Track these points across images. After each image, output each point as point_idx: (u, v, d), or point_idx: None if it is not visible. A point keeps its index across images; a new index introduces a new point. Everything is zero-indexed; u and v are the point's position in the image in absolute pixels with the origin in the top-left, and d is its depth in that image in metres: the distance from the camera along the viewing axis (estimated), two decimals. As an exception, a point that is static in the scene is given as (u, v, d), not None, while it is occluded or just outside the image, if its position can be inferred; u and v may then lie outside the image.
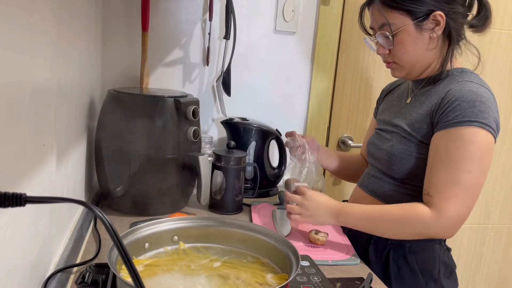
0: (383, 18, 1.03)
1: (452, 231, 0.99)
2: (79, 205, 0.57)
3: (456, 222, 0.97)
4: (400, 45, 1.04)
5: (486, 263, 1.97)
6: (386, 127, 1.15)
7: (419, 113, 1.05)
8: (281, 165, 1.51)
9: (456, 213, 0.96)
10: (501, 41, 1.74)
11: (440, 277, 1.07)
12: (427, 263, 1.08)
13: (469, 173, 0.95)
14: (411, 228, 1.00)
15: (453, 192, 0.95)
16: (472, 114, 0.94)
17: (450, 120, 0.96)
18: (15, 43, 0.58)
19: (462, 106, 0.95)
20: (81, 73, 1.08)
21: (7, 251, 0.58)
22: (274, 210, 1.28)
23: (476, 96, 0.96)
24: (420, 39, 1.02)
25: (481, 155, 0.95)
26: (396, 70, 1.10)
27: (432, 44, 1.03)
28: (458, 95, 0.97)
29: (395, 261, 1.09)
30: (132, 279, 0.45)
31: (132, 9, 1.43)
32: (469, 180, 0.95)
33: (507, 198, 1.92)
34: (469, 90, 0.97)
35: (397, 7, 1.01)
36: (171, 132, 1.16)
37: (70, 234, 0.98)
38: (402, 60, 1.06)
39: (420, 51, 1.04)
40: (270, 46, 1.57)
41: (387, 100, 1.25)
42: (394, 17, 1.02)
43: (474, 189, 0.96)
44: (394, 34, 1.03)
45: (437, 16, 1.00)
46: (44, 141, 0.74)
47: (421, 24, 1.01)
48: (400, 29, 1.02)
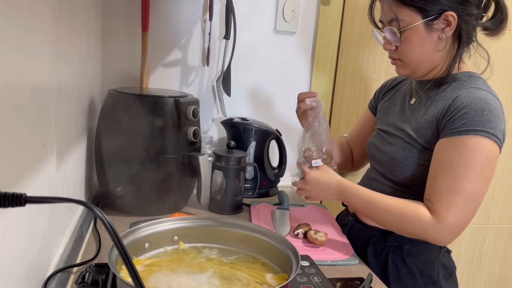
0: (392, 13, 1.00)
1: (448, 239, 0.98)
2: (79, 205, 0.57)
3: (454, 231, 0.96)
4: (407, 42, 1.00)
5: (486, 263, 1.97)
6: (389, 130, 1.13)
7: (424, 118, 1.03)
8: (281, 165, 1.51)
9: (454, 222, 0.95)
10: (502, 42, 1.74)
11: (439, 279, 1.07)
12: (426, 266, 1.07)
13: (471, 183, 0.93)
14: (408, 225, 1.00)
15: (454, 201, 0.94)
16: (479, 123, 0.93)
17: (457, 128, 0.95)
18: (15, 43, 0.58)
19: (469, 114, 0.94)
20: (81, 73, 1.08)
21: (7, 251, 0.58)
22: (274, 210, 1.28)
23: (484, 104, 0.94)
24: (428, 38, 0.99)
25: (484, 165, 0.94)
26: (401, 68, 1.07)
27: (440, 45, 1.00)
28: (466, 103, 0.95)
29: (394, 263, 1.09)
30: (132, 279, 0.45)
31: (132, 9, 1.43)
32: (470, 190, 0.94)
33: (507, 198, 1.92)
34: (477, 97, 0.95)
35: (408, 3, 0.97)
36: (171, 132, 1.16)
37: (70, 234, 0.98)
38: (407, 58, 1.03)
39: (427, 51, 1.01)
40: (270, 46, 1.57)
41: (389, 97, 1.22)
42: (404, 13, 0.98)
43: (475, 200, 0.95)
44: (402, 31, 0.99)
45: (449, 17, 0.96)
46: (44, 141, 0.74)
47: (431, 23, 0.97)
48: (409, 26, 0.98)
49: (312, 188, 1.10)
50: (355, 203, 1.07)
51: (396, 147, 1.07)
